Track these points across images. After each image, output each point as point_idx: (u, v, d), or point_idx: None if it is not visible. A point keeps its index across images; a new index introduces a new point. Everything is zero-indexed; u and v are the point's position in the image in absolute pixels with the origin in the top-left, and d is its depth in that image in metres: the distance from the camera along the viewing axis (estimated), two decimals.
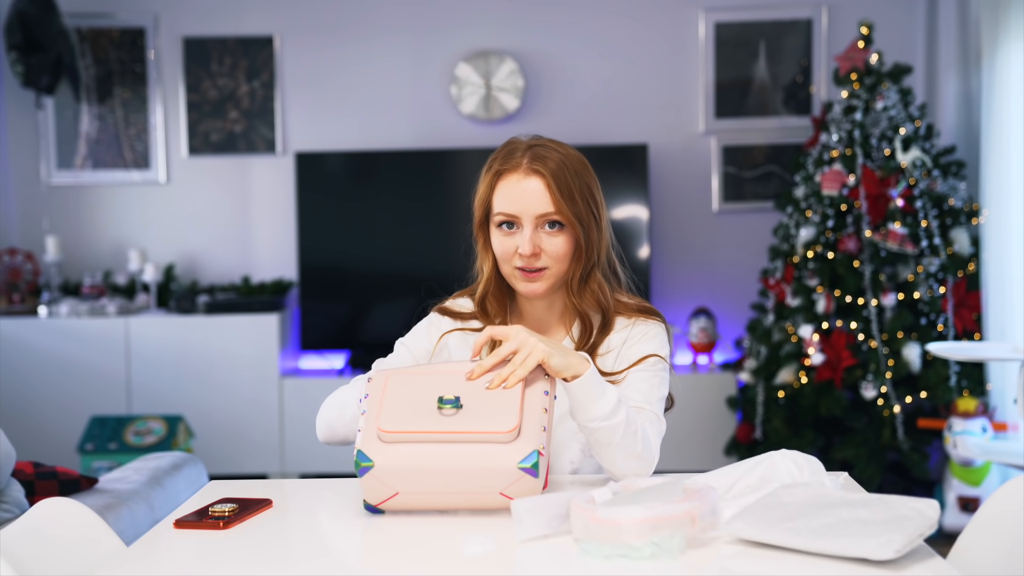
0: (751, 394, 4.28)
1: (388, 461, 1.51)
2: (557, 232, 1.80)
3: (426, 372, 1.62)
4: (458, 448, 1.51)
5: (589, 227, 1.82)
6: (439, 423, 1.52)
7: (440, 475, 1.51)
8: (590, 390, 1.63)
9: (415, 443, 1.52)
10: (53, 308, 4.75)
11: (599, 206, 1.85)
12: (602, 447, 1.67)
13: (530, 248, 1.79)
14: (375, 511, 1.57)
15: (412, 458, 1.51)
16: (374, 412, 1.56)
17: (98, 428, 4.39)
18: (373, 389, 1.60)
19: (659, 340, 1.86)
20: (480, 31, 5.01)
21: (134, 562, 1.44)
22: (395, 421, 1.53)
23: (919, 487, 4.14)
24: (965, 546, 1.58)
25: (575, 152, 1.85)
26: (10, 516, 2.28)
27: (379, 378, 1.61)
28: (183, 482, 2.83)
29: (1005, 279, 3.91)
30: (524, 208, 1.80)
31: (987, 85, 4.04)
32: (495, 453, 1.51)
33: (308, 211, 4.84)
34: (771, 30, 4.96)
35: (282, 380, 4.69)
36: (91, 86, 5.05)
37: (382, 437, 1.53)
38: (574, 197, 1.79)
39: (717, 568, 1.35)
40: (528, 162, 1.80)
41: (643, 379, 1.81)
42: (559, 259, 1.81)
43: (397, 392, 1.57)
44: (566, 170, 1.80)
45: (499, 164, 1.84)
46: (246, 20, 5.04)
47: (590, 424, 1.65)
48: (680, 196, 4.98)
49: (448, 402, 1.54)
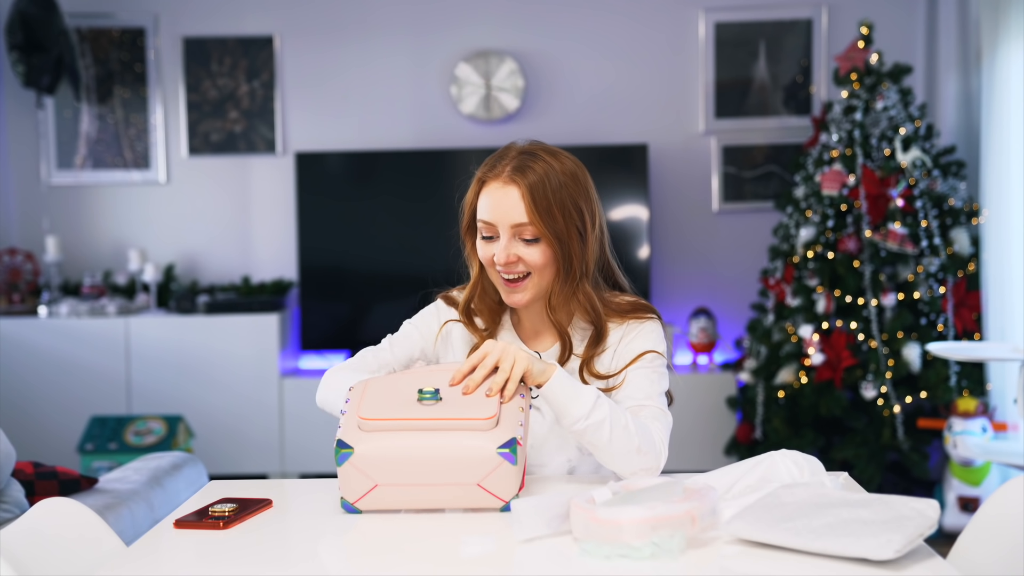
0: (751, 394, 4.28)
1: (368, 448, 1.54)
2: (533, 244, 1.79)
3: (410, 374, 1.66)
4: (438, 436, 1.54)
5: (568, 242, 1.79)
6: (419, 411, 1.55)
7: (419, 464, 1.53)
8: (563, 391, 1.66)
9: (395, 431, 1.55)
10: (53, 308, 4.75)
11: (585, 220, 1.81)
12: (598, 449, 1.68)
13: (504, 257, 1.79)
14: (353, 510, 1.58)
15: (392, 447, 1.54)
16: (355, 404, 1.59)
17: (98, 428, 4.39)
18: (354, 394, 1.63)
19: (655, 336, 1.85)
20: (480, 31, 5.01)
21: (134, 562, 1.44)
22: (375, 409, 1.56)
23: (919, 487, 4.14)
24: (965, 546, 1.58)
25: (569, 163, 1.82)
26: (10, 516, 2.28)
27: (359, 385, 1.65)
28: (183, 482, 2.83)
29: (1005, 279, 3.91)
30: (499, 217, 1.80)
31: (987, 85, 4.04)
32: (474, 442, 1.53)
33: (308, 211, 4.84)
34: (771, 30, 4.96)
35: (282, 380, 4.69)
36: (91, 86, 5.05)
37: (362, 426, 1.55)
38: (552, 211, 1.77)
39: (717, 568, 1.35)
40: (509, 172, 1.80)
41: (642, 376, 1.81)
42: (539, 268, 1.80)
43: (378, 387, 1.61)
44: (548, 183, 1.77)
45: (484, 171, 1.85)
46: (246, 20, 5.04)
47: (575, 427, 1.67)
48: (680, 196, 4.98)
49: (428, 394, 1.57)
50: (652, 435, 1.72)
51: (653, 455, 1.71)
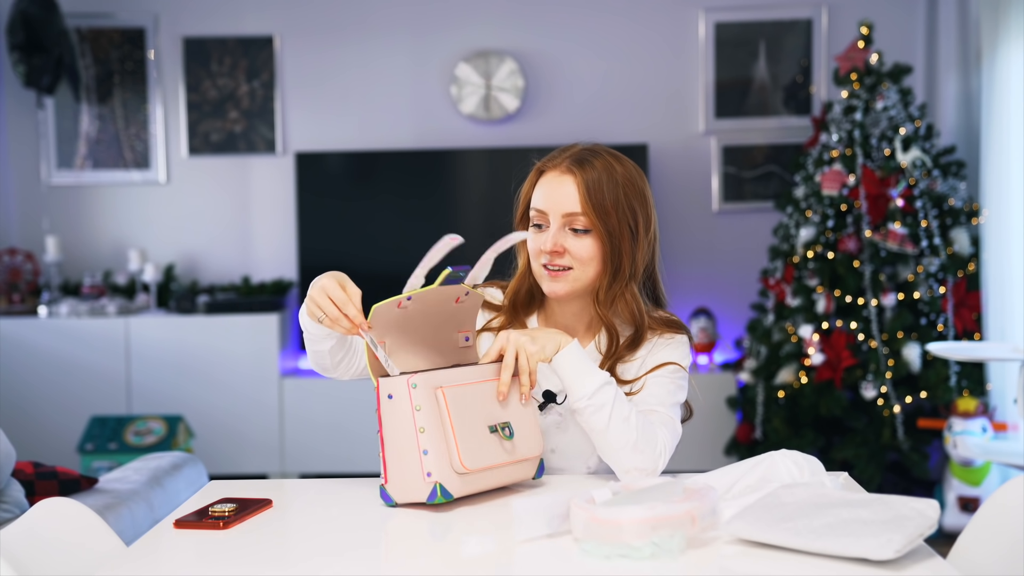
0: (751, 394, 4.28)
1: (464, 491, 1.62)
2: (583, 236, 1.79)
3: (463, 382, 1.66)
4: (511, 469, 1.68)
5: (620, 240, 1.79)
6: (503, 453, 1.65)
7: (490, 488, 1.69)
8: (574, 365, 1.70)
9: (486, 471, 1.64)
10: (53, 308, 4.75)
11: (639, 222, 1.81)
12: (594, 433, 1.71)
13: (551, 244, 1.79)
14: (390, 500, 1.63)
15: (480, 485, 1.64)
16: (443, 437, 1.60)
17: (98, 428, 4.39)
18: (405, 393, 1.61)
19: (681, 351, 1.86)
20: (480, 31, 5.01)
21: (134, 562, 1.44)
22: (474, 458, 1.61)
23: (919, 487, 4.14)
24: (965, 546, 1.58)
25: (629, 167, 1.82)
26: (10, 516, 2.28)
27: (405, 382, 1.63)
28: (183, 482, 2.84)
29: (1005, 279, 3.91)
30: (552, 204, 1.80)
31: (987, 85, 4.04)
32: (526, 471, 1.71)
33: (308, 211, 4.84)
34: (771, 30, 4.96)
35: (282, 380, 4.69)
36: (91, 86, 5.05)
37: (461, 472, 1.60)
38: (605, 206, 1.77)
39: (717, 568, 1.35)
40: (568, 162, 1.80)
41: (658, 384, 1.81)
42: (583, 262, 1.80)
43: (459, 415, 1.62)
44: (606, 179, 1.78)
45: (544, 162, 1.85)
46: (246, 20, 5.04)
47: (576, 404, 1.70)
48: (680, 196, 4.98)
49: (505, 429, 1.66)
50: (655, 437, 1.72)
51: (651, 456, 1.71)
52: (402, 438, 1.59)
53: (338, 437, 4.63)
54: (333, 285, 1.65)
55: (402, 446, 1.59)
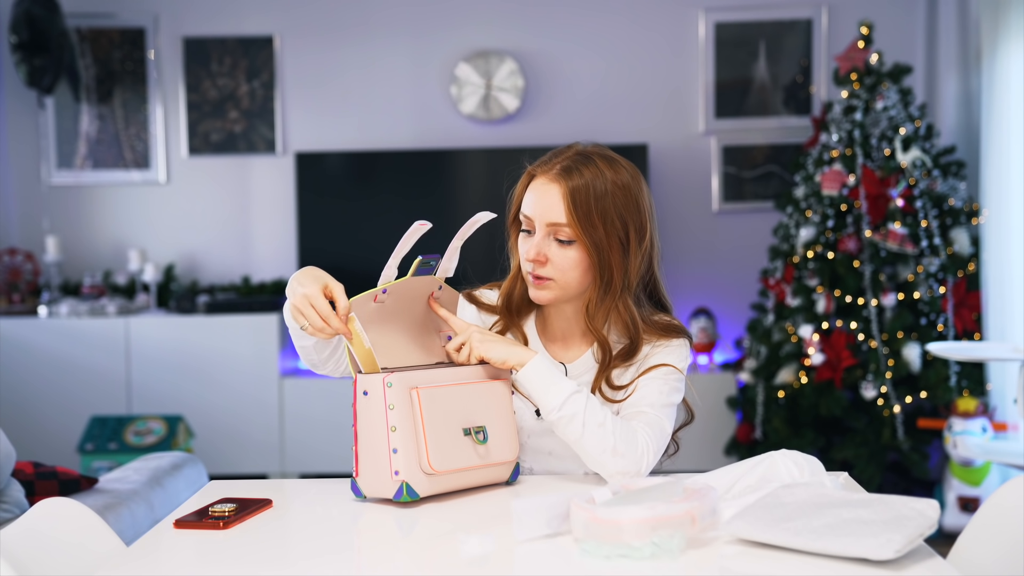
0: (751, 394, 4.28)
1: (431, 491, 1.64)
2: (567, 247, 1.76)
3: (439, 384, 1.67)
4: (483, 472, 1.70)
5: (608, 252, 1.75)
6: (475, 457, 1.66)
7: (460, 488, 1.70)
8: (538, 379, 1.70)
9: (455, 472, 1.65)
10: (53, 308, 4.75)
11: (630, 233, 1.76)
12: (571, 444, 1.71)
13: (533, 253, 1.77)
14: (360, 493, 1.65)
15: (449, 485, 1.66)
16: (415, 437, 1.62)
17: (98, 428, 4.39)
18: (394, 396, 1.62)
19: (677, 354, 1.83)
20: (480, 31, 5.01)
21: (134, 562, 1.44)
22: (443, 460, 1.62)
23: (919, 487, 4.14)
24: (965, 546, 1.58)
25: (624, 175, 1.77)
26: (10, 516, 2.28)
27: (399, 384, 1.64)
28: (183, 482, 2.84)
29: (1005, 279, 3.91)
30: (538, 213, 1.77)
31: (987, 85, 4.04)
32: (500, 474, 1.73)
33: (308, 211, 4.84)
34: (771, 30, 4.96)
35: (282, 380, 4.69)
36: (91, 86, 5.05)
37: (429, 473, 1.61)
38: (592, 217, 1.73)
39: (717, 568, 1.35)
40: (557, 170, 1.77)
41: (651, 385, 1.79)
42: (564, 272, 1.77)
43: (432, 417, 1.63)
44: (592, 189, 1.73)
45: (536, 165, 1.82)
46: (246, 20, 5.04)
47: (548, 418, 1.71)
48: (680, 196, 4.98)
49: (480, 433, 1.67)
50: (636, 439, 1.71)
51: (632, 459, 1.69)
52: (374, 435, 1.61)
53: (338, 437, 4.63)
54: (315, 293, 1.68)
55: (374, 443, 1.61)
